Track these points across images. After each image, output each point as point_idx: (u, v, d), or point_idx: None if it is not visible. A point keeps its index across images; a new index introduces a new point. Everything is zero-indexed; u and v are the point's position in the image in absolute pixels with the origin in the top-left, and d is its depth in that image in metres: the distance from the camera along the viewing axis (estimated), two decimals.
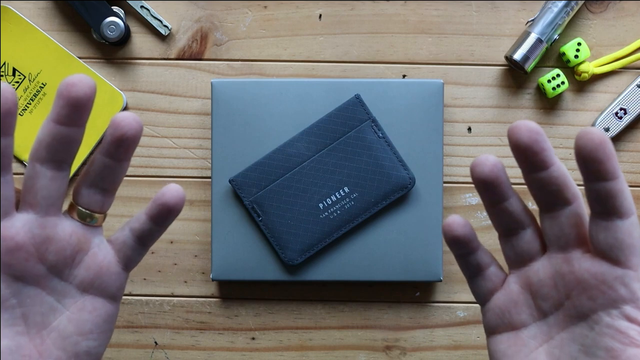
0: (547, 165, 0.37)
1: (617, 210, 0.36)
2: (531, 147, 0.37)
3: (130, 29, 0.59)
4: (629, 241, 0.36)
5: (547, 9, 0.56)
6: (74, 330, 0.40)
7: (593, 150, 0.35)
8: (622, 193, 0.36)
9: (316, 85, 0.56)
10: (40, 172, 0.38)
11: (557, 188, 0.38)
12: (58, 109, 0.36)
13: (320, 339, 0.59)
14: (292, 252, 0.55)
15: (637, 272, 0.36)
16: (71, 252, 0.40)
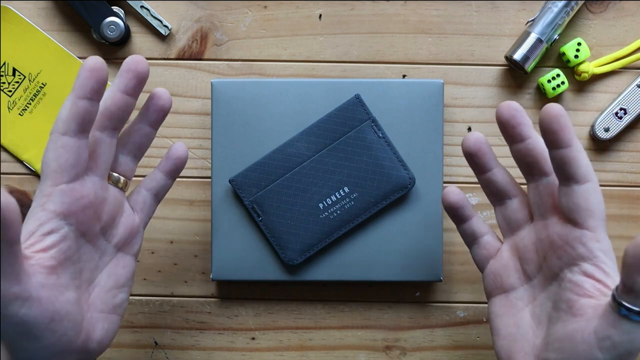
0: (523, 138, 0.43)
1: (572, 175, 0.41)
2: (509, 121, 0.43)
3: (130, 29, 0.59)
4: (585, 205, 0.41)
5: (547, 9, 0.56)
6: (113, 285, 0.45)
7: (549, 121, 0.40)
8: (575, 160, 0.41)
9: (316, 85, 0.56)
10: (101, 139, 0.44)
11: (533, 159, 0.43)
12: (126, 81, 0.43)
13: (320, 339, 0.59)
14: (292, 252, 0.55)
15: (594, 232, 0.41)
16: (114, 213, 0.45)
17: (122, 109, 0.44)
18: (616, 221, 0.58)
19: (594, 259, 0.41)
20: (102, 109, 0.43)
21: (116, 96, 0.43)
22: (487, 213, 0.59)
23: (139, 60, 0.43)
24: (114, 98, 0.43)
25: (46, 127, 0.58)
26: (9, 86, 0.58)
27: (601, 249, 0.41)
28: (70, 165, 0.41)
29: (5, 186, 0.59)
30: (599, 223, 0.41)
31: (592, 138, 0.59)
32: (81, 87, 0.40)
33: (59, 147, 0.41)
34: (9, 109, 0.58)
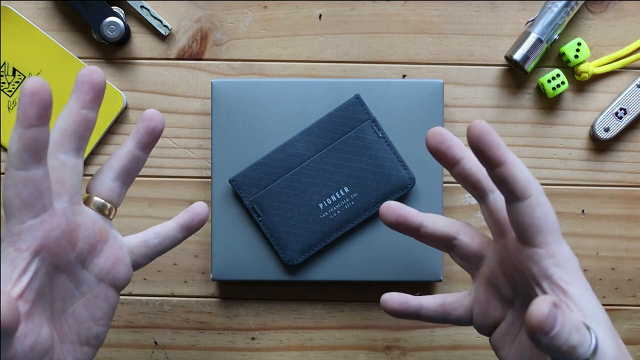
0: (457, 160, 0.42)
1: (511, 193, 0.39)
2: (438, 147, 0.42)
3: (130, 29, 0.59)
4: (529, 221, 0.39)
5: (547, 9, 0.56)
6: (88, 316, 0.43)
7: (475, 140, 0.38)
8: (511, 177, 0.38)
9: (316, 85, 0.56)
10: (65, 161, 0.41)
11: (474, 178, 0.42)
12: (83, 95, 0.40)
13: (320, 339, 0.59)
14: (292, 252, 0.55)
15: (544, 248, 0.39)
16: (95, 240, 0.42)
17: (82, 125, 0.41)
18: (616, 221, 0.58)
19: (550, 277, 0.39)
20: (62, 129, 0.41)
21: (74, 113, 0.40)
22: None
23: (94, 70, 0.40)
24: (72, 116, 0.40)
25: None
26: (9, 86, 0.58)
27: (556, 264, 0.39)
28: (33, 199, 0.38)
29: None
30: (548, 237, 0.39)
31: (592, 138, 0.59)
32: (24, 115, 0.37)
33: (17, 183, 0.38)
34: (9, 109, 0.58)
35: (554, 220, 0.39)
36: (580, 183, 0.59)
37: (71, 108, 0.41)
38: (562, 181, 0.59)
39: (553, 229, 0.39)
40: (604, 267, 0.59)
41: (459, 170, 0.42)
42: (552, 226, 0.39)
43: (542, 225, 0.39)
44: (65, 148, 0.41)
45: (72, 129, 0.40)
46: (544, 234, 0.39)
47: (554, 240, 0.39)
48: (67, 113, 0.41)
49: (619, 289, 0.59)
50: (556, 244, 0.39)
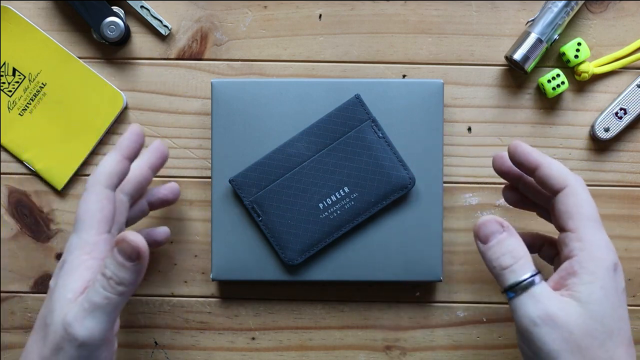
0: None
1: (550, 189, 0.45)
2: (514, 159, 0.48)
3: (130, 29, 0.59)
4: (564, 208, 0.43)
5: (547, 9, 0.56)
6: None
7: (512, 157, 0.47)
8: (547, 176, 0.44)
9: (316, 85, 0.56)
10: (123, 200, 0.49)
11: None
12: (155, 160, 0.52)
13: (320, 339, 0.59)
14: (292, 252, 0.55)
15: (575, 233, 0.42)
16: None
17: (147, 182, 0.51)
18: (616, 221, 0.58)
19: (572, 258, 0.42)
20: (132, 178, 0.49)
21: (143, 169, 0.51)
22: (487, 213, 0.59)
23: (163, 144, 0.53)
24: (143, 172, 0.51)
25: (46, 127, 0.58)
26: (9, 86, 0.58)
27: (582, 247, 0.42)
28: (111, 216, 0.44)
29: (6, 186, 0.59)
30: (579, 223, 0.42)
31: (592, 138, 0.59)
32: (128, 148, 0.46)
33: (103, 198, 0.44)
34: (9, 109, 0.58)
35: (589, 209, 0.43)
36: None
37: (141, 165, 0.51)
38: None
39: (586, 216, 0.43)
40: None
41: (523, 185, 0.51)
42: (585, 213, 0.43)
43: (574, 212, 0.43)
44: (126, 191, 0.50)
45: (140, 181, 0.51)
46: (575, 220, 0.43)
47: (586, 226, 0.42)
48: (137, 166, 0.50)
49: None
50: (588, 230, 0.42)
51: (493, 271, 0.43)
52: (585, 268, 0.41)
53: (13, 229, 0.59)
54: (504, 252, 0.42)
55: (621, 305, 0.41)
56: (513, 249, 0.42)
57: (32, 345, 0.42)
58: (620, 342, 0.40)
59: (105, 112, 0.58)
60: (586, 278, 0.41)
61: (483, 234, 0.43)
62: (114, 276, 0.41)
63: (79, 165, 0.59)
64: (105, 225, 0.43)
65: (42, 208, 0.59)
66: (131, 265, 0.40)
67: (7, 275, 0.59)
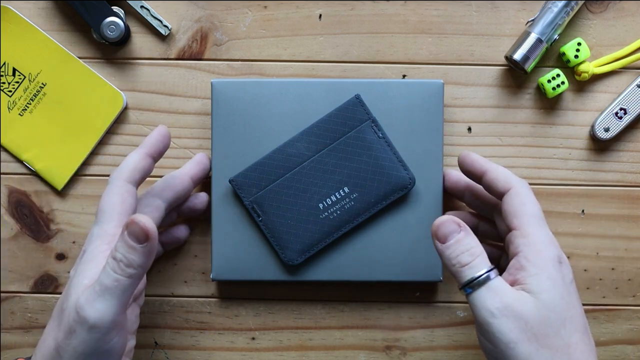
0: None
1: (496, 192, 0.48)
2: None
3: (130, 29, 0.59)
4: (509, 209, 0.46)
5: (547, 9, 0.56)
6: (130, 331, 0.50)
7: (461, 165, 0.51)
8: (493, 180, 0.48)
9: (316, 85, 0.56)
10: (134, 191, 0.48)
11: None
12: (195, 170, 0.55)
13: (320, 339, 0.59)
14: (292, 252, 0.55)
15: (519, 230, 0.45)
16: None
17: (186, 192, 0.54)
18: (616, 221, 0.58)
19: (518, 254, 0.44)
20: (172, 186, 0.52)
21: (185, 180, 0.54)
22: None
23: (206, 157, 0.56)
24: (184, 182, 0.53)
25: (46, 127, 0.58)
26: (9, 86, 0.58)
27: (526, 243, 0.44)
28: (132, 210, 0.46)
29: (6, 186, 0.59)
30: (523, 220, 0.45)
31: (592, 138, 0.59)
32: (153, 146, 0.48)
33: (124, 192, 0.45)
34: (9, 109, 0.58)
35: (532, 207, 0.45)
36: (580, 183, 0.59)
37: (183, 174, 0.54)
38: (562, 181, 0.59)
39: (529, 213, 0.45)
40: (604, 267, 0.59)
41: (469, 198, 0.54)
42: (528, 211, 0.45)
43: (518, 210, 0.45)
44: (165, 198, 0.52)
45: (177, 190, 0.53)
46: (519, 217, 0.45)
47: (530, 223, 0.45)
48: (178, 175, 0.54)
49: (619, 289, 0.59)
50: (531, 227, 0.44)
51: (452, 269, 0.44)
52: (531, 261, 0.43)
53: (13, 229, 0.59)
54: (462, 250, 0.44)
55: (570, 295, 0.43)
56: (470, 247, 0.44)
57: (49, 331, 0.44)
58: (575, 329, 0.42)
59: (105, 112, 0.58)
60: (533, 270, 0.43)
61: (442, 234, 0.44)
62: (123, 258, 0.41)
63: (79, 166, 0.59)
64: (125, 218, 0.44)
65: (42, 208, 0.59)
66: (140, 247, 0.41)
67: (7, 275, 0.59)
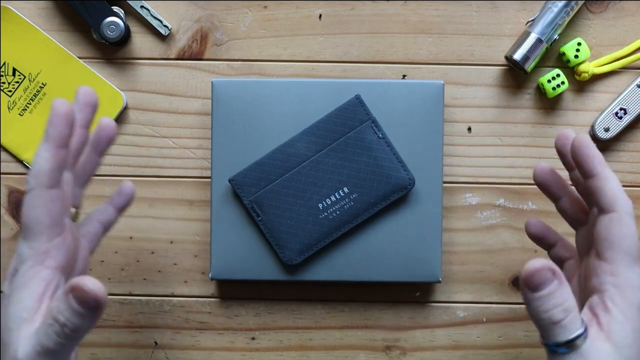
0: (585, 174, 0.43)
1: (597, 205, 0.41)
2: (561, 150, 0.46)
3: (130, 29, 0.59)
4: (605, 235, 0.40)
5: (547, 9, 0.56)
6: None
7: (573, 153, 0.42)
8: (599, 189, 0.41)
9: (316, 85, 0.56)
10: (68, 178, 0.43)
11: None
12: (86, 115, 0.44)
13: (320, 339, 0.59)
14: (291, 252, 0.55)
15: (610, 265, 0.40)
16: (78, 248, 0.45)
17: (83, 143, 0.44)
18: None
19: (603, 292, 0.40)
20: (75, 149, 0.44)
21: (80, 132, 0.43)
22: (487, 213, 0.59)
23: (92, 91, 0.43)
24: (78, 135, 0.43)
25: None
26: (9, 86, 0.58)
27: (614, 283, 0.39)
28: (60, 217, 0.40)
29: (6, 186, 0.59)
30: (617, 256, 0.40)
31: (592, 138, 0.58)
32: (60, 136, 0.39)
33: (48, 201, 0.39)
34: (9, 109, 0.58)
35: (631, 243, 0.40)
36: None
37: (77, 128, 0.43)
38: None
39: (627, 250, 0.40)
40: None
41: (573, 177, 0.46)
42: (626, 247, 0.40)
43: (615, 242, 0.40)
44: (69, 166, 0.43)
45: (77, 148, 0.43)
46: (614, 251, 0.40)
47: (624, 262, 0.40)
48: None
49: None
50: (624, 267, 0.40)
51: (540, 323, 0.39)
52: (618, 306, 0.39)
53: (13, 229, 0.59)
54: (555, 304, 0.38)
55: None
56: (564, 301, 0.38)
57: None
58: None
59: (105, 112, 0.58)
60: (619, 318, 0.39)
61: (534, 283, 0.38)
62: (68, 322, 0.37)
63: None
64: (55, 229, 0.40)
65: None
66: (88, 313, 0.37)
67: None
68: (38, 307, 0.39)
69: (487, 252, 0.59)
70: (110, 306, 0.59)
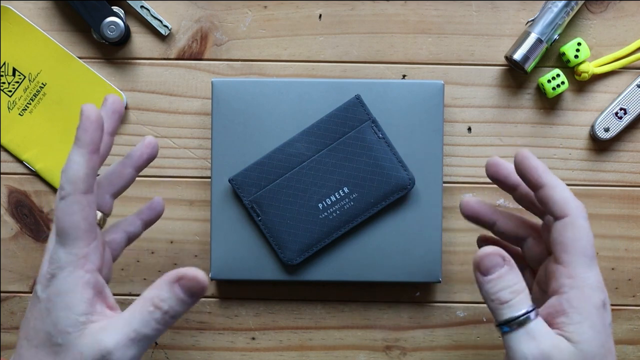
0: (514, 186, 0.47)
1: (550, 212, 0.43)
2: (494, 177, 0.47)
3: (130, 29, 0.59)
4: (559, 239, 0.42)
5: (547, 9, 0.56)
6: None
7: (518, 168, 0.44)
8: (549, 198, 0.42)
9: (316, 85, 0.56)
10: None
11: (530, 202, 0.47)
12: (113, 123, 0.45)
13: (320, 339, 0.59)
14: (291, 252, 0.55)
15: (567, 268, 0.41)
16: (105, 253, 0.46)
17: (109, 150, 0.45)
18: (616, 221, 0.58)
19: (561, 294, 0.41)
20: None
21: (106, 140, 0.44)
22: None
23: (119, 100, 0.44)
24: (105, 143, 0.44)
25: (46, 127, 0.58)
26: (9, 86, 0.58)
27: (572, 285, 0.41)
28: (95, 221, 0.41)
29: (6, 186, 0.59)
30: (573, 258, 0.41)
31: (592, 138, 0.58)
32: (93, 141, 0.40)
33: (84, 206, 0.40)
34: (9, 109, 0.58)
35: (586, 245, 0.41)
36: (580, 183, 0.59)
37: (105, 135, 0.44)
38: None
39: (580, 251, 0.41)
40: (604, 267, 0.59)
41: (518, 195, 0.47)
42: (580, 249, 0.41)
43: (569, 245, 0.41)
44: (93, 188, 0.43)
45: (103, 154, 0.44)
46: (569, 254, 0.41)
47: (579, 263, 0.41)
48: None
49: (619, 289, 0.59)
50: (581, 268, 0.41)
51: (490, 304, 0.41)
52: (575, 308, 0.40)
53: (13, 229, 0.59)
54: (504, 286, 0.41)
55: (608, 340, 0.41)
56: (513, 283, 0.41)
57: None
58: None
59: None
60: (576, 318, 0.40)
61: (484, 267, 0.41)
62: (170, 310, 0.39)
63: None
64: (92, 234, 0.40)
65: (42, 208, 0.59)
66: (192, 301, 0.39)
67: (7, 275, 0.59)
68: (92, 310, 0.40)
69: None
70: None
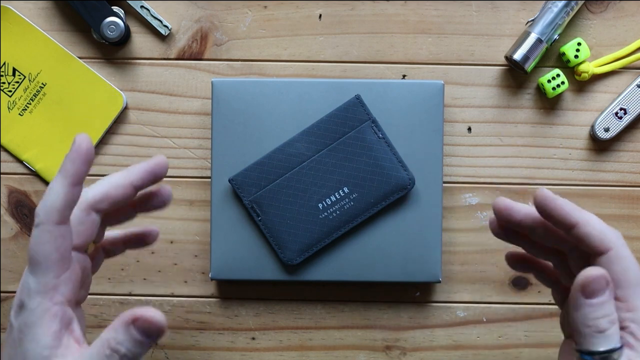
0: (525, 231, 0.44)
1: (591, 250, 0.40)
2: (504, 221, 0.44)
3: (130, 29, 0.59)
4: (610, 275, 0.39)
5: (547, 9, 0.56)
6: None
7: (543, 211, 0.41)
8: (586, 235, 0.40)
9: (316, 85, 0.56)
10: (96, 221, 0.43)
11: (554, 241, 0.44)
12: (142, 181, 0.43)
13: (320, 339, 0.59)
14: (291, 252, 0.55)
15: (625, 302, 0.40)
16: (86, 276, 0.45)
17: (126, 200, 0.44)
18: (616, 221, 0.58)
19: (624, 329, 0.40)
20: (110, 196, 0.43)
21: (128, 190, 0.43)
22: (487, 213, 0.59)
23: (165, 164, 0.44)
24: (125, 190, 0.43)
25: (46, 127, 0.58)
26: (9, 86, 0.58)
27: (633, 319, 0.39)
28: (68, 252, 0.40)
29: (6, 186, 0.59)
30: (627, 292, 0.40)
31: (592, 138, 0.58)
32: (77, 173, 0.39)
33: (57, 237, 0.39)
34: (9, 109, 0.58)
35: (635, 273, 0.40)
36: (580, 183, 0.59)
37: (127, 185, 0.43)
38: (562, 181, 0.59)
39: (634, 282, 0.40)
40: None
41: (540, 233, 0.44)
42: (632, 280, 0.40)
43: (622, 280, 0.40)
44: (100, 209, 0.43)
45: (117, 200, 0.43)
46: (623, 288, 0.40)
47: (636, 295, 0.40)
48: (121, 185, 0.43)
49: None
50: (637, 299, 0.40)
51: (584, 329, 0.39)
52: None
53: (13, 229, 0.59)
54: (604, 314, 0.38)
55: None
56: (612, 312, 0.39)
57: None
58: None
59: (105, 112, 0.58)
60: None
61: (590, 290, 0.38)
62: (128, 352, 0.38)
63: None
64: (63, 265, 0.39)
65: None
66: (150, 341, 0.38)
67: (7, 275, 0.59)
68: (58, 343, 0.39)
69: (487, 252, 0.59)
70: (110, 306, 0.59)
